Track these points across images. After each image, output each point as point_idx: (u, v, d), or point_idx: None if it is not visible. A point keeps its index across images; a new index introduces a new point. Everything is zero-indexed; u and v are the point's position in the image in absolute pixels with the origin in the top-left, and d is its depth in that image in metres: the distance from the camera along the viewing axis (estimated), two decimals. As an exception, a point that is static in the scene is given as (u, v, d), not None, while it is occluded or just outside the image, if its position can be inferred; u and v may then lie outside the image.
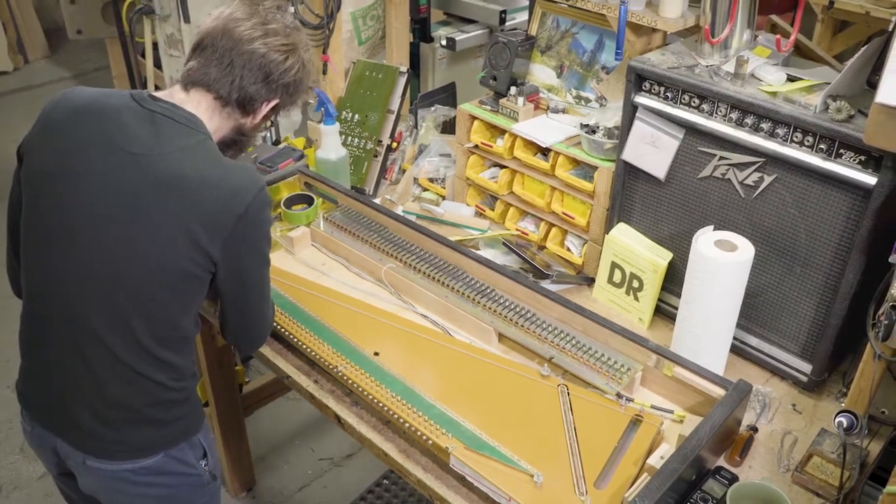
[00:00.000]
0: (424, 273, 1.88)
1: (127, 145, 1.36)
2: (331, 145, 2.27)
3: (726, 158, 1.64)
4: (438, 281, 1.86)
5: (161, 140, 1.36)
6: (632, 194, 1.88)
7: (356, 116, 2.50)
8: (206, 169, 1.37)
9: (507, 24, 3.13)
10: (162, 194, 1.34)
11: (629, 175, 1.86)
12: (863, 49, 1.51)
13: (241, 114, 1.47)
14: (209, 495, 1.64)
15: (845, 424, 1.45)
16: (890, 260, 1.36)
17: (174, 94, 1.44)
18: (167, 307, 1.40)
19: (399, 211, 2.26)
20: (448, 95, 2.71)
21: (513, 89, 2.12)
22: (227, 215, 1.36)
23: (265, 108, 1.49)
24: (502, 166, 2.16)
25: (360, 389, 1.57)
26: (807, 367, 1.68)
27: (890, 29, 1.43)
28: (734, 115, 1.60)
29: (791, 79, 1.62)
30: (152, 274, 1.36)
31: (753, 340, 1.76)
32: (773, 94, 1.57)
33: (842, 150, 1.47)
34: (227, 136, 1.51)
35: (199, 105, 1.43)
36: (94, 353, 1.40)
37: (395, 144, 2.48)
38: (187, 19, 2.78)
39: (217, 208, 1.35)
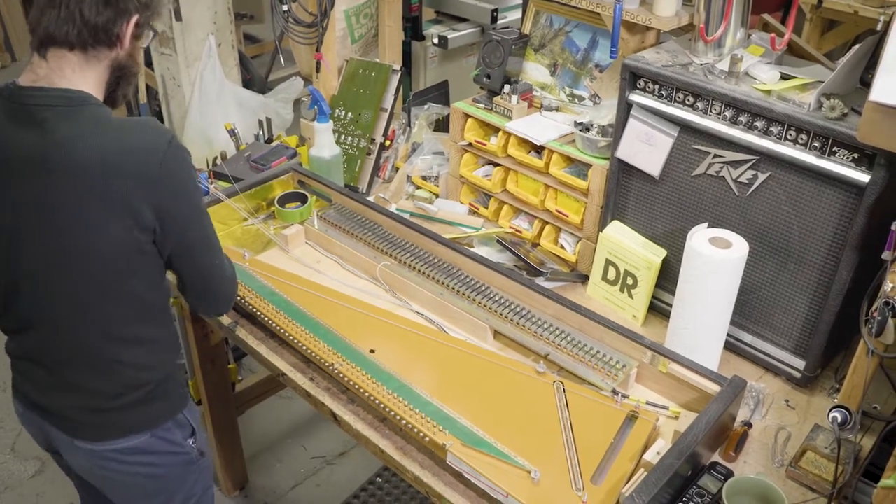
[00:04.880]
0: (419, 271, 1.88)
1: (15, 153, 1.30)
2: (324, 143, 2.27)
3: (720, 156, 1.65)
4: (433, 278, 1.86)
5: (47, 134, 1.27)
6: (626, 192, 1.88)
7: (349, 114, 2.50)
8: (104, 144, 1.28)
9: (498, 22, 3.14)
10: (71, 192, 1.28)
11: (623, 173, 1.86)
12: (856, 47, 1.52)
13: (106, 48, 1.32)
14: (199, 472, 1.64)
15: (839, 420, 1.46)
16: (883, 257, 1.37)
17: (37, 71, 1.31)
18: (133, 291, 1.39)
19: (393, 209, 2.26)
20: (441, 94, 2.71)
21: (506, 87, 2.13)
22: (144, 182, 1.28)
23: (128, 31, 1.33)
24: (496, 164, 2.17)
25: (356, 387, 1.57)
26: (800, 364, 1.69)
27: (878, 28, 1.44)
28: (728, 113, 1.61)
29: (785, 77, 1.63)
30: (104, 268, 1.34)
31: (747, 337, 1.77)
32: (767, 92, 1.58)
33: (835, 148, 1.48)
34: (110, 79, 1.37)
35: (62, 71, 1.30)
36: (68, 352, 1.42)
37: (388, 142, 2.48)
38: (179, 17, 2.76)
39: (131, 182, 1.28)
